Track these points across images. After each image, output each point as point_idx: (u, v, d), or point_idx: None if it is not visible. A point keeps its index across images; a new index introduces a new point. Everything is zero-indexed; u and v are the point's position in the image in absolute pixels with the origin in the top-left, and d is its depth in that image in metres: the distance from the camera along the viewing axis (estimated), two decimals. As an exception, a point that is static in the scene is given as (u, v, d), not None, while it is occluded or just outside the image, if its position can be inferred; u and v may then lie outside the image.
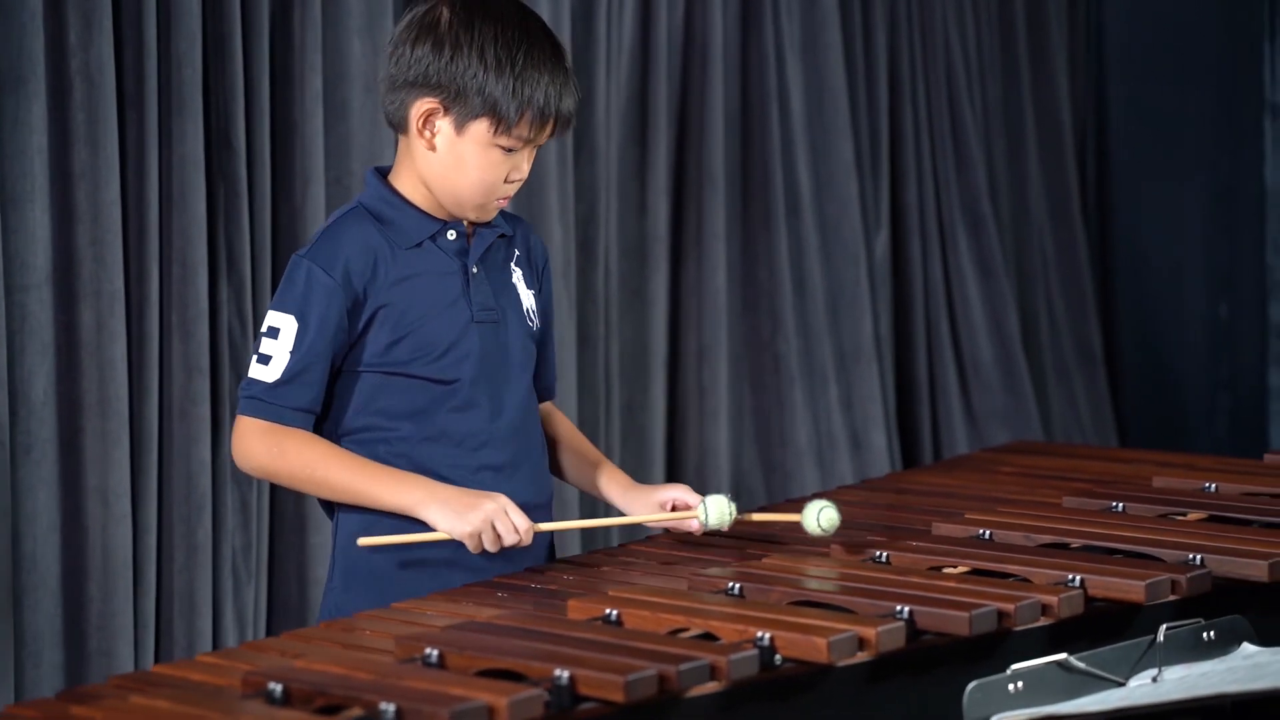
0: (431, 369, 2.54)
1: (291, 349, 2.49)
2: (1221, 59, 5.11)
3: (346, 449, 2.55)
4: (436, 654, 2.00)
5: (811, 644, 2.03)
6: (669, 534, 2.69)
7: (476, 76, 2.48)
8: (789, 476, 4.25)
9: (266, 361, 2.50)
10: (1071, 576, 2.27)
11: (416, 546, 2.52)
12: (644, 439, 4.15)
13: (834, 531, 2.56)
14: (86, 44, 3.18)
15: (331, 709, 1.88)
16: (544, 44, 2.52)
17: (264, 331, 2.51)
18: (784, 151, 4.35)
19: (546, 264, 2.71)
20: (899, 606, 2.14)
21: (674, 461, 4.25)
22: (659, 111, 4.13)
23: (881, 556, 2.46)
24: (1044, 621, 2.20)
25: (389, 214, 2.56)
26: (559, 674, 1.91)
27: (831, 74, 4.42)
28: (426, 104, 2.51)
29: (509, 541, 2.47)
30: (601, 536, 3.96)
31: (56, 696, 2.01)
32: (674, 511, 2.64)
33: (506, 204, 2.59)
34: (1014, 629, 2.17)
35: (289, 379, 2.49)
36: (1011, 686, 2.02)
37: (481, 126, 2.50)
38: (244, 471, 2.56)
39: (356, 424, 2.55)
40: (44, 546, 3.18)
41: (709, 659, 1.96)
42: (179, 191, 3.31)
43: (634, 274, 4.15)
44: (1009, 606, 2.16)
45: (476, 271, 2.58)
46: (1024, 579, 2.32)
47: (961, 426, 4.67)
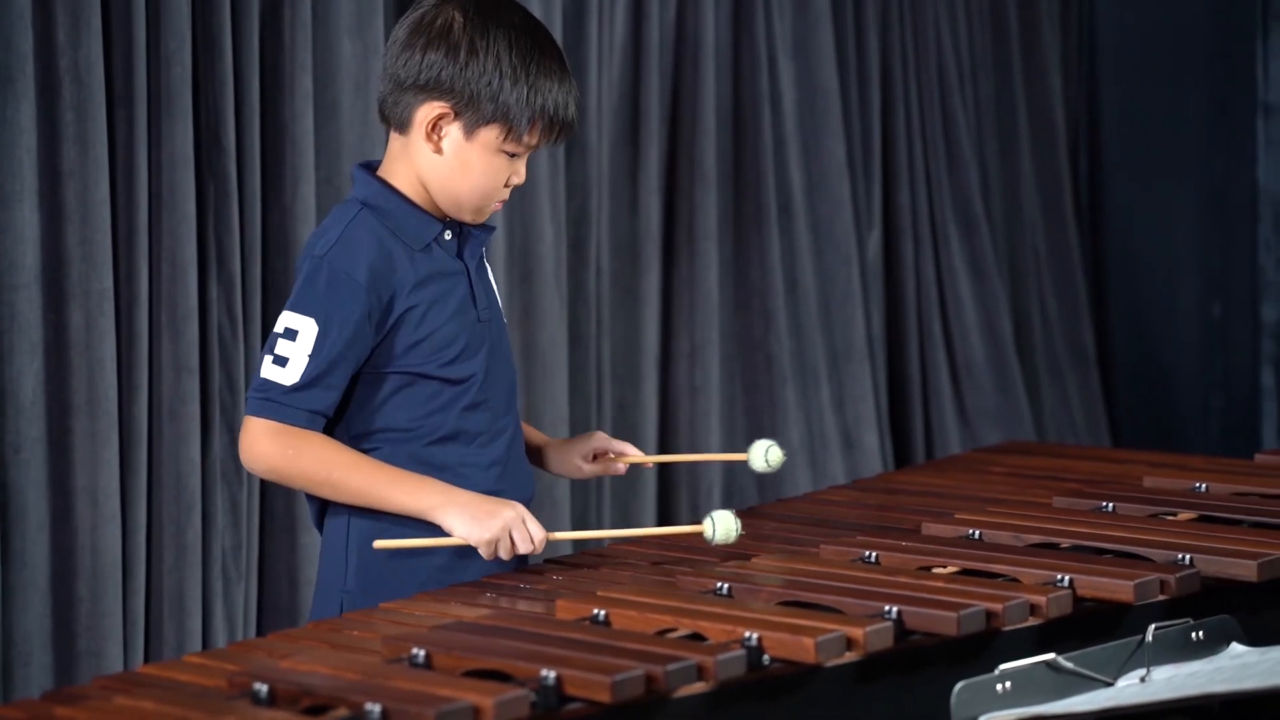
0: (447, 369, 2.54)
1: (311, 352, 2.46)
2: (1214, 59, 5.11)
3: (365, 452, 2.54)
4: (423, 654, 2.00)
5: (799, 644, 2.02)
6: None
7: (491, 84, 2.48)
8: (781, 476, 4.24)
9: (283, 364, 2.46)
10: (1060, 576, 2.27)
11: (429, 551, 2.51)
12: (636, 438, 4.14)
13: (779, 467, 2.64)
14: (75, 43, 3.18)
15: (317, 709, 1.87)
16: (552, 52, 2.53)
17: (280, 333, 2.48)
18: (776, 151, 4.35)
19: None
20: (887, 606, 2.14)
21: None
22: (651, 110, 4.13)
23: (871, 556, 2.45)
24: (1032, 621, 2.20)
25: (395, 214, 2.54)
26: (545, 674, 1.90)
27: (823, 74, 4.42)
28: (437, 108, 2.50)
29: (524, 550, 2.47)
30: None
31: (41, 697, 2.01)
32: (595, 461, 2.71)
33: (500, 207, 2.59)
34: (1002, 629, 2.17)
35: (309, 383, 2.46)
36: (999, 686, 2.02)
37: (492, 133, 2.50)
38: (251, 472, 2.56)
39: (374, 425, 2.54)
40: (33, 546, 3.18)
41: (696, 659, 1.96)
42: (168, 191, 3.30)
43: (626, 273, 4.15)
44: (997, 607, 2.16)
45: (474, 271, 2.59)
46: (1013, 579, 2.31)
47: (954, 426, 4.67)
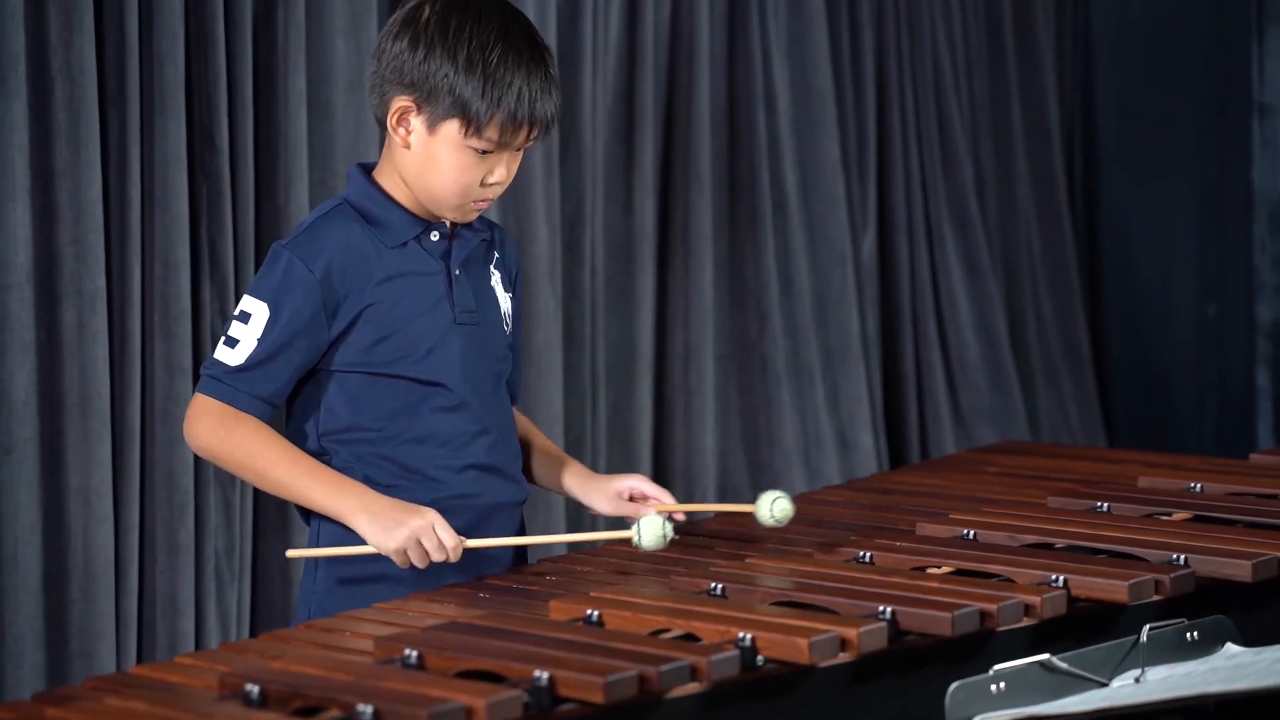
0: (414, 369, 2.53)
1: (260, 336, 2.47)
2: (1209, 58, 5.10)
3: (330, 451, 2.53)
4: (416, 655, 1.99)
5: (793, 644, 2.02)
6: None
7: (447, 76, 2.46)
8: (776, 476, 4.24)
9: (233, 345, 2.48)
10: (1055, 577, 2.26)
11: (367, 560, 2.50)
12: (630, 439, 4.14)
13: (787, 522, 2.59)
14: (68, 42, 3.17)
15: (309, 711, 1.86)
16: (522, 46, 2.49)
17: (235, 315, 2.50)
18: (771, 151, 4.34)
19: (519, 274, 2.71)
20: (881, 607, 2.13)
21: (660, 462, 4.23)
22: (645, 110, 4.12)
23: (865, 557, 2.45)
24: (1027, 622, 2.19)
25: (375, 212, 2.55)
26: (538, 675, 1.90)
27: (818, 73, 4.41)
28: (401, 102, 2.50)
29: (437, 558, 2.44)
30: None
31: (32, 698, 2.00)
32: (631, 501, 2.65)
33: (486, 206, 2.57)
34: (997, 629, 2.16)
35: (252, 365, 2.47)
36: (994, 687, 2.01)
37: (452, 127, 2.47)
38: (192, 450, 2.55)
39: (341, 424, 2.54)
40: (25, 547, 3.17)
41: (690, 660, 1.95)
42: (161, 190, 3.29)
43: (620, 273, 4.14)
44: (992, 607, 2.15)
45: (459, 274, 2.57)
46: (1007, 579, 2.31)
47: (949, 426, 4.66)
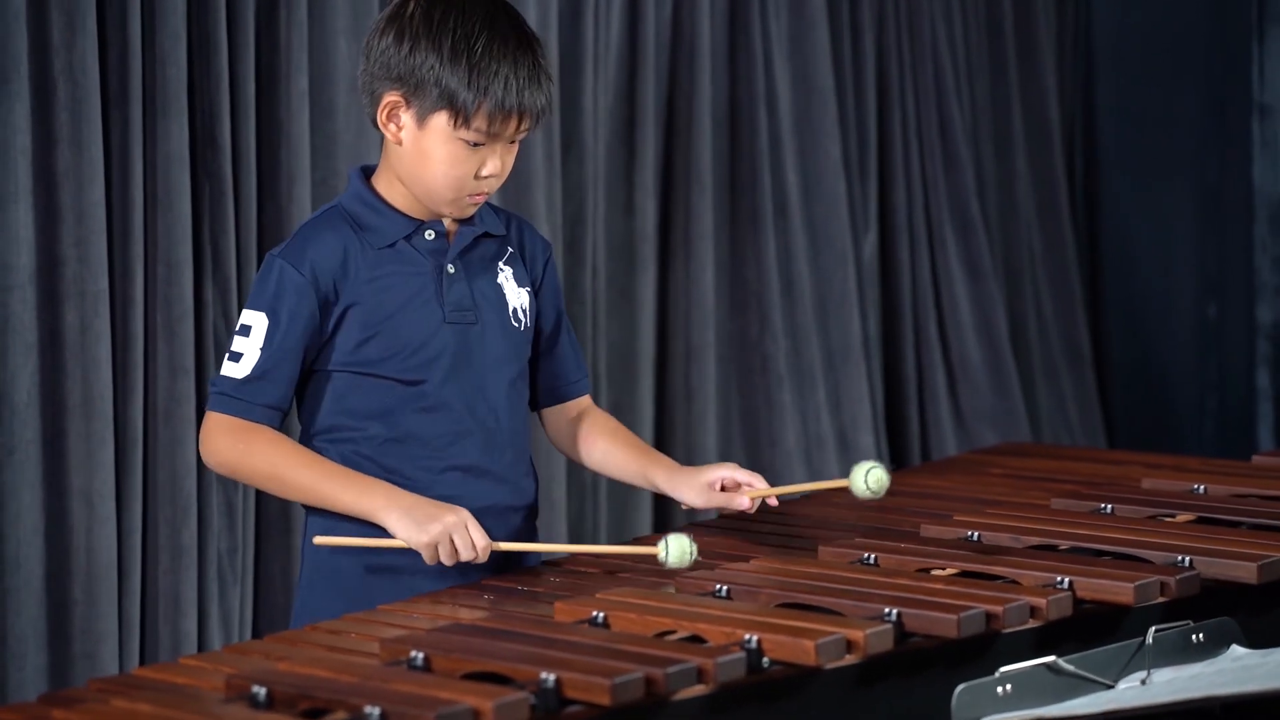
0: (400, 369, 2.52)
1: (262, 346, 2.48)
2: (1209, 59, 5.10)
3: (316, 450, 2.53)
4: (422, 657, 1.99)
5: (799, 646, 2.02)
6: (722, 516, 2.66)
7: (434, 68, 2.45)
8: (777, 477, 4.23)
9: (237, 359, 2.49)
10: (1060, 578, 2.26)
11: (382, 551, 2.49)
12: (631, 439, 4.13)
13: (883, 492, 2.53)
14: (70, 43, 3.17)
15: (315, 713, 1.86)
16: (508, 35, 2.48)
17: (237, 329, 2.51)
18: (772, 152, 4.34)
19: (549, 261, 2.67)
20: (887, 609, 2.13)
21: (662, 463, 4.22)
22: (646, 111, 4.12)
23: (870, 558, 2.45)
24: (1032, 624, 2.19)
25: (365, 214, 2.55)
26: (545, 677, 1.90)
27: (819, 74, 4.41)
28: (390, 97, 2.50)
29: (465, 557, 2.44)
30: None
31: (38, 700, 2.00)
32: (723, 491, 2.59)
33: (483, 200, 2.55)
34: (1002, 631, 2.16)
35: (258, 375, 2.48)
36: (1000, 689, 2.01)
37: (441, 119, 2.47)
38: (210, 468, 2.55)
39: (326, 424, 2.54)
40: (28, 549, 3.16)
41: (696, 661, 1.95)
42: (164, 191, 3.29)
43: (621, 274, 4.14)
44: (997, 608, 2.15)
45: (453, 271, 2.55)
46: (1012, 581, 2.31)
47: (950, 427, 4.66)
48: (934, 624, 2.12)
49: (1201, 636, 2.19)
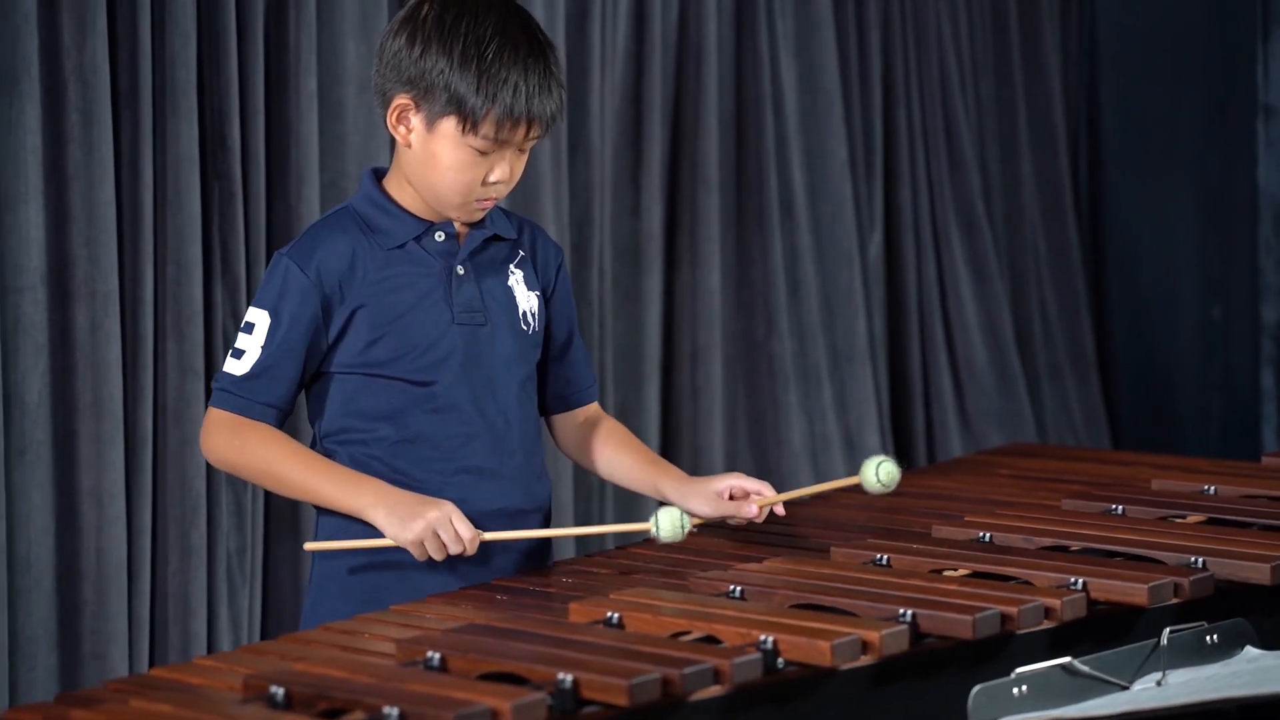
0: (409, 370, 2.52)
1: (263, 344, 2.48)
2: (1214, 60, 5.11)
3: (326, 452, 2.53)
4: (438, 657, 1.99)
5: (814, 647, 2.02)
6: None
7: (443, 72, 2.45)
8: (784, 478, 4.24)
9: (239, 356, 2.50)
10: (1074, 579, 2.26)
11: (383, 549, 2.49)
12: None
13: (894, 486, 2.54)
14: (81, 44, 3.17)
15: (333, 713, 1.86)
16: (520, 41, 2.47)
17: (241, 327, 2.52)
18: (778, 153, 4.35)
19: (560, 267, 2.67)
20: (901, 609, 2.13)
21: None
22: (653, 113, 4.12)
23: (882, 559, 2.45)
24: (1047, 624, 2.19)
25: (375, 215, 2.54)
26: (562, 677, 1.90)
27: (825, 75, 4.42)
28: (400, 99, 2.49)
29: (454, 550, 2.44)
30: (596, 540, 3.95)
31: (55, 700, 2.00)
32: (731, 500, 2.60)
33: (491, 205, 2.55)
34: (1017, 632, 2.17)
35: (258, 373, 2.48)
36: (1016, 690, 2.01)
37: (450, 124, 2.46)
38: (209, 463, 2.55)
39: (336, 426, 2.54)
40: (38, 549, 3.17)
41: (712, 662, 1.95)
42: (174, 192, 3.29)
43: (628, 275, 4.14)
44: (1012, 609, 2.15)
45: (463, 273, 2.55)
46: (1025, 582, 2.31)
47: (955, 428, 4.67)
48: (949, 625, 2.12)
49: (1216, 638, 2.19)
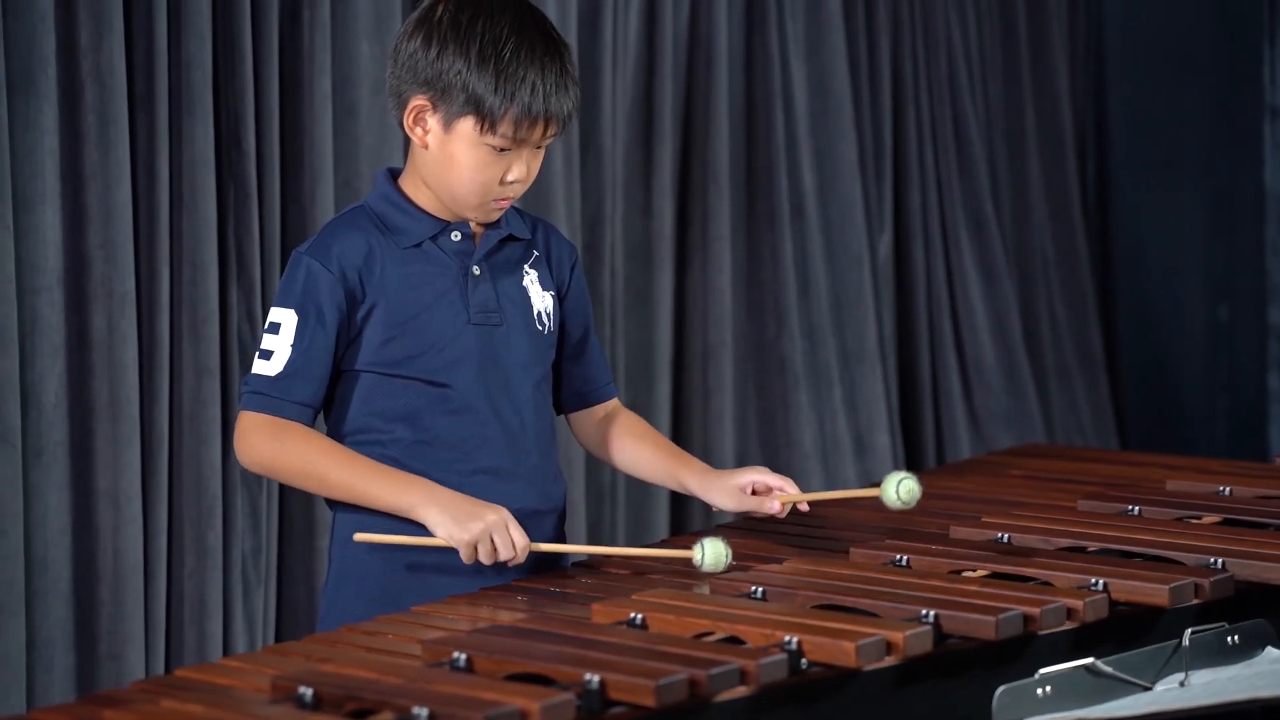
0: (425, 369, 2.52)
1: (293, 343, 2.48)
2: (1221, 61, 5.12)
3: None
4: (464, 658, 2.00)
5: (839, 648, 2.02)
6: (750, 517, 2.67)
7: (461, 73, 2.45)
8: (794, 478, 4.19)
9: (268, 357, 2.49)
10: (1094, 580, 2.27)
11: (408, 549, 2.50)
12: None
13: (914, 503, 2.53)
14: (97, 46, 3.18)
15: (362, 713, 1.87)
16: (537, 41, 2.48)
17: (266, 328, 2.51)
18: (788, 153, 4.35)
19: (574, 266, 2.67)
20: (924, 610, 2.14)
21: (678, 463, 4.23)
22: (664, 113, 4.13)
23: (901, 560, 2.46)
24: (1069, 625, 2.20)
25: (391, 214, 2.55)
26: (589, 678, 1.91)
27: (835, 76, 4.42)
28: (417, 101, 2.49)
29: (505, 556, 2.45)
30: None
31: (82, 700, 2.01)
32: (754, 495, 2.62)
33: (508, 205, 2.56)
34: (1039, 633, 2.17)
35: (291, 373, 2.48)
36: (1040, 691, 2.02)
37: (467, 124, 2.47)
38: (246, 468, 2.55)
39: (354, 425, 2.54)
40: (55, 550, 3.17)
41: (738, 663, 1.96)
42: (189, 193, 3.30)
43: (639, 275, 4.15)
44: (1034, 610, 2.16)
45: (479, 273, 2.56)
46: (1045, 583, 2.32)
47: (964, 428, 4.67)
48: (972, 625, 2.12)
49: (1237, 639, 2.20)
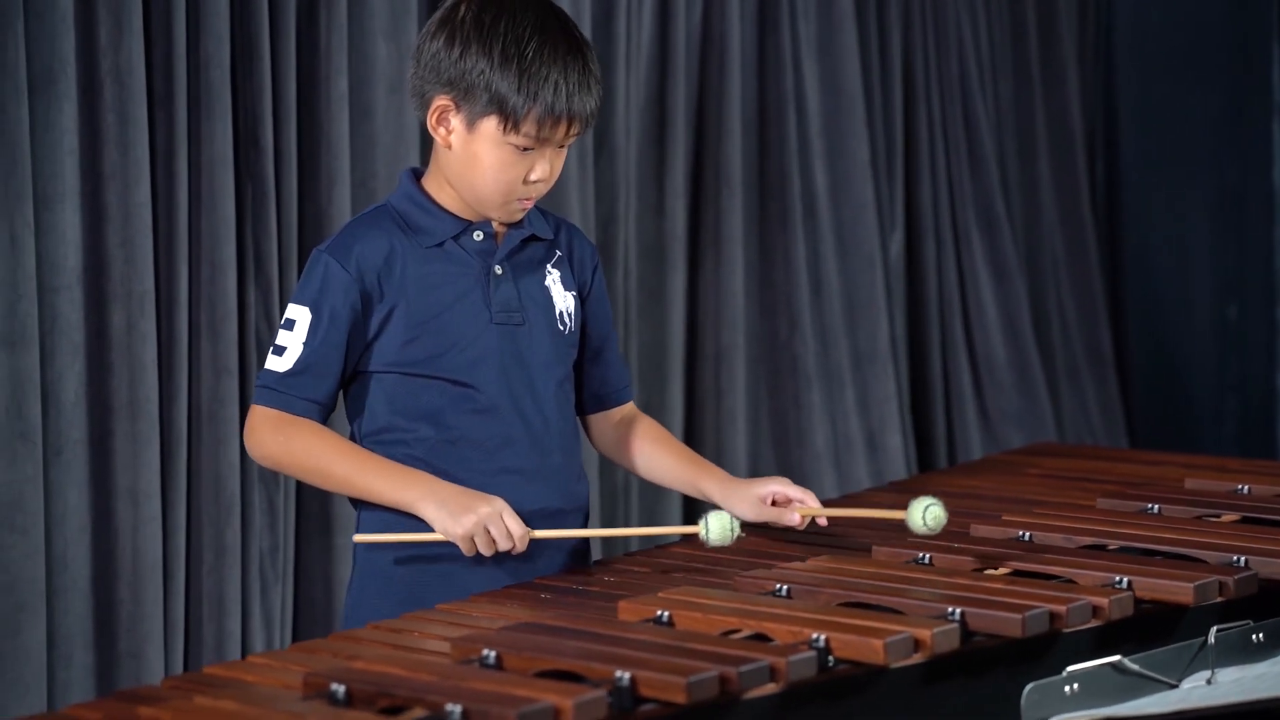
0: (447, 369, 2.52)
1: (305, 340, 2.49)
2: (1230, 61, 5.12)
3: (362, 447, 2.54)
4: (494, 655, 2.00)
5: (867, 645, 2.03)
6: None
7: (484, 73, 2.46)
8: (806, 478, 4.25)
9: (281, 353, 2.50)
10: (1119, 578, 2.28)
11: (432, 544, 2.50)
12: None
13: (940, 529, 2.50)
14: (117, 45, 3.19)
15: (394, 710, 1.88)
16: (559, 40, 2.48)
17: (281, 324, 2.52)
18: (800, 153, 4.36)
19: (596, 268, 2.68)
20: (950, 608, 2.14)
21: (691, 463, 4.24)
22: (677, 113, 4.14)
23: (924, 558, 2.46)
24: (1094, 623, 2.21)
25: (414, 213, 2.55)
26: (620, 675, 1.91)
27: (847, 76, 4.43)
28: (440, 101, 2.50)
29: (503, 546, 2.45)
30: (621, 542, 3.97)
31: (115, 696, 2.01)
32: (774, 506, 2.62)
33: (531, 205, 2.56)
34: (1064, 630, 2.18)
35: (301, 370, 2.49)
36: (1067, 688, 2.03)
37: (490, 124, 2.47)
38: (255, 461, 2.56)
39: (378, 426, 2.55)
40: (75, 548, 3.18)
41: (768, 660, 1.97)
42: (208, 192, 3.31)
43: (652, 275, 4.16)
44: (1060, 608, 2.16)
45: (501, 272, 2.56)
46: (1069, 580, 2.32)
47: (976, 428, 4.68)
48: (999, 623, 2.13)
49: (1261, 636, 2.20)
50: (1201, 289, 5.19)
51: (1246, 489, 2.86)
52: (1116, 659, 2.08)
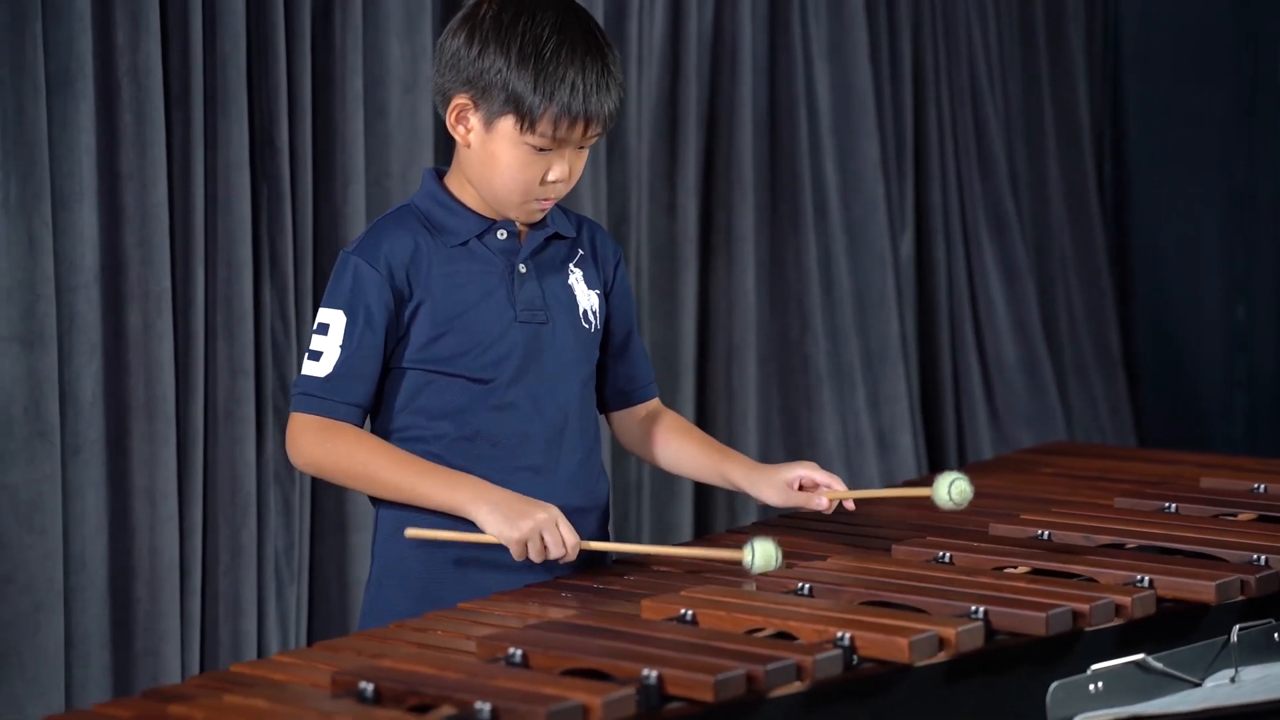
0: (471, 367, 2.53)
1: (341, 343, 2.48)
2: (1238, 60, 5.13)
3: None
4: (520, 654, 2.01)
5: (893, 644, 2.04)
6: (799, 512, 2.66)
7: (501, 71, 2.46)
8: (818, 477, 4.25)
9: (317, 358, 2.49)
10: (1140, 577, 2.28)
11: (451, 547, 2.51)
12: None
13: (966, 504, 2.50)
14: (135, 45, 3.19)
15: (424, 708, 1.88)
16: (578, 41, 2.47)
17: (314, 329, 2.51)
18: (811, 153, 4.37)
19: (619, 264, 2.68)
20: (973, 607, 2.15)
21: (702, 462, 4.25)
22: (688, 113, 4.14)
23: (945, 557, 2.47)
24: (1116, 622, 2.21)
25: (437, 212, 2.55)
26: (646, 673, 1.92)
27: (858, 76, 4.44)
28: (459, 99, 2.50)
29: (555, 554, 2.45)
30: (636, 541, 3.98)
31: (144, 695, 2.02)
32: (801, 491, 2.59)
33: (551, 205, 2.56)
34: (1087, 629, 2.19)
35: (340, 374, 2.48)
36: (1092, 687, 2.03)
37: (507, 123, 2.47)
38: (298, 469, 2.55)
39: (399, 422, 2.55)
40: (92, 547, 3.19)
41: (794, 658, 1.97)
42: (224, 192, 3.31)
43: (664, 274, 4.16)
44: (1084, 607, 2.17)
45: (525, 271, 2.56)
46: (1090, 579, 2.33)
47: (986, 427, 4.69)
48: (1022, 622, 2.14)
49: (1283, 635, 2.22)
50: (1210, 288, 5.19)
51: (1263, 488, 2.87)
52: (1141, 657, 2.08)
